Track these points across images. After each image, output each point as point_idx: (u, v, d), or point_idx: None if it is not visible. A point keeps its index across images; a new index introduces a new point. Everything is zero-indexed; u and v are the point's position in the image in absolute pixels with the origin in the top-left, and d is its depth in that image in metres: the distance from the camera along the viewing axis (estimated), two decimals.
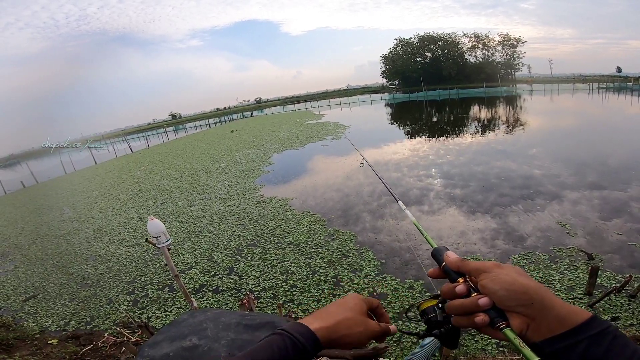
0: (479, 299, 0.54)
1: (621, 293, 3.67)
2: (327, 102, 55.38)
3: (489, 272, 0.56)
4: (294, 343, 0.55)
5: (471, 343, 3.29)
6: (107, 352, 3.78)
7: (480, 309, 0.54)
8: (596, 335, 0.46)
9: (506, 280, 0.53)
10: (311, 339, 0.57)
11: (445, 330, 0.63)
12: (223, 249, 6.22)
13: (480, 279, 0.56)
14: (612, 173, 7.64)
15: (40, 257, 7.75)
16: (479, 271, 0.57)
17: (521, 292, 0.51)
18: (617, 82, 37.17)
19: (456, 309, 0.57)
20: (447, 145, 13.13)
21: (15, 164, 48.34)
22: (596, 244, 4.78)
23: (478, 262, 0.59)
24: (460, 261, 0.61)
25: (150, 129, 69.34)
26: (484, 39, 60.10)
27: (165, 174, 14.88)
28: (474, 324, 0.55)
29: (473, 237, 5.45)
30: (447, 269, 0.63)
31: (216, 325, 1.77)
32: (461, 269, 0.61)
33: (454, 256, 0.63)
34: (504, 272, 0.54)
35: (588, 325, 0.48)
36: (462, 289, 0.57)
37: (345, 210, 7.29)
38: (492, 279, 0.54)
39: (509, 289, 0.52)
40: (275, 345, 0.55)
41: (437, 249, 0.68)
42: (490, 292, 0.54)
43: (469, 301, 0.56)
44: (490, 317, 0.53)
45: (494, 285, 0.54)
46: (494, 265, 0.56)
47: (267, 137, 21.79)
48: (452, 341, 0.65)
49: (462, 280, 0.59)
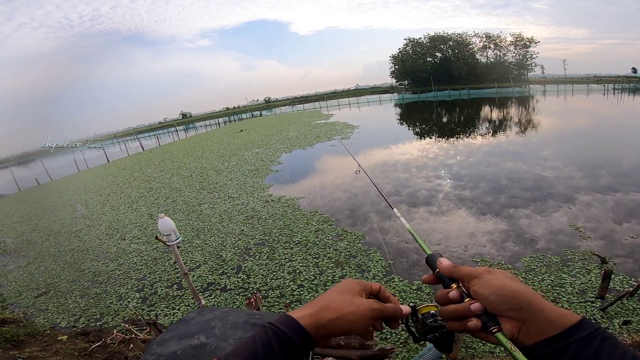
0: (471, 304, 0.56)
1: (634, 297, 3.59)
2: (336, 102, 55.28)
3: (480, 277, 0.57)
4: (277, 334, 0.53)
5: (479, 345, 3.26)
6: (116, 349, 3.83)
7: (472, 314, 0.55)
8: (586, 337, 0.47)
9: (496, 286, 0.55)
10: (295, 328, 0.55)
11: (439, 334, 0.64)
12: (231, 248, 6.26)
13: (472, 284, 0.58)
14: (626, 175, 7.48)
15: (53, 253, 7.89)
16: (471, 277, 0.58)
17: (510, 296, 0.53)
18: (632, 82, 36.40)
19: (450, 314, 0.59)
20: (457, 146, 13.00)
21: (29, 161, 49.24)
22: (609, 247, 4.69)
23: (470, 268, 0.60)
24: (452, 267, 0.63)
25: (161, 128, 70.16)
26: (495, 39, 59.44)
27: (175, 173, 15.02)
28: (467, 328, 0.56)
29: (482, 239, 5.38)
30: (440, 275, 0.64)
31: (224, 324, 1.78)
32: (454, 275, 0.62)
33: (446, 262, 0.65)
34: (494, 278, 0.56)
35: (578, 327, 0.48)
36: (455, 294, 0.59)
37: (353, 211, 7.28)
38: (482, 284, 0.56)
39: (499, 294, 0.54)
40: (258, 338, 0.54)
41: (431, 255, 0.69)
42: (482, 297, 0.55)
43: (461, 306, 0.57)
44: (482, 322, 0.54)
45: (484, 291, 0.55)
46: (484, 270, 0.58)
47: (275, 137, 21.85)
48: (446, 345, 0.65)
49: (455, 286, 0.61)
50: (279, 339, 0.53)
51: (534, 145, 12.05)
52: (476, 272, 0.58)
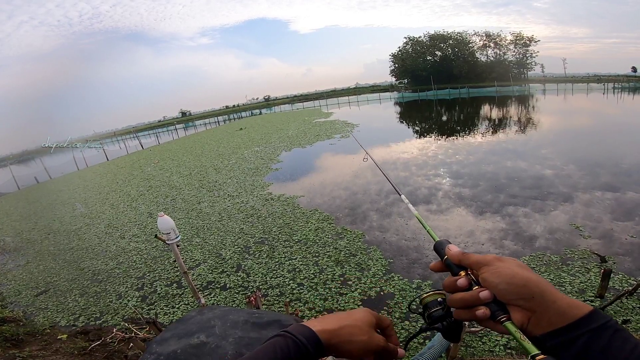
0: (480, 292, 0.55)
1: (633, 296, 3.60)
2: (336, 100, 55.14)
3: (490, 265, 0.56)
4: (297, 345, 0.55)
5: (478, 344, 3.26)
6: (115, 348, 3.83)
7: (481, 302, 0.54)
8: (597, 329, 0.46)
9: (507, 274, 0.53)
10: (313, 340, 0.57)
11: (447, 323, 0.63)
12: (231, 246, 6.26)
13: (481, 272, 0.57)
14: (626, 174, 7.48)
15: (52, 252, 7.89)
16: (480, 264, 0.57)
17: (521, 285, 0.52)
18: (632, 82, 36.37)
19: (457, 302, 0.58)
20: (457, 145, 13.00)
21: (29, 159, 49.16)
22: (609, 246, 4.69)
23: (479, 255, 0.59)
24: (461, 254, 0.61)
25: (161, 126, 69.99)
26: (495, 38, 59.20)
27: (175, 171, 15.01)
28: (475, 317, 0.55)
29: (482, 237, 5.39)
30: (448, 262, 0.63)
31: (224, 323, 1.78)
32: (462, 262, 0.61)
33: (455, 249, 0.63)
34: (504, 265, 0.55)
35: (589, 319, 0.48)
36: (464, 282, 0.58)
37: (353, 209, 7.28)
38: (492, 272, 0.55)
39: (510, 282, 0.52)
40: (278, 346, 0.55)
41: (439, 242, 0.68)
42: (491, 285, 0.54)
43: (470, 294, 0.56)
44: (491, 310, 0.54)
45: (494, 279, 0.54)
46: (494, 258, 0.57)
47: (275, 135, 21.84)
48: (454, 334, 0.65)
49: (463, 273, 0.59)
50: (299, 350, 0.55)
51: (534, 144, 12.05)
52: (486, 259, 0.57)
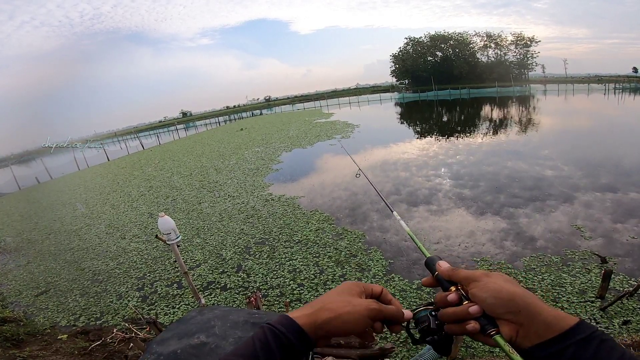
0: (469, 307, 0.57)
1: (633, 297, 3.59)
2: (337, 101, 55.17)
3: (479, 280, 0.58)
4: (275, 334, 0.54)
5: (478, 345, 3.26)
6: (116, 348, 3.83)
7: (471, 317, 0.56)
8: (584, 339, 0.48)
9: (494, 288, 0.55)
10: (293, 328, 0.56)
11: (438, 337, 0.64)
12: (231, 247, 6.26)
13: (470, 287, 0.59)
14: (626, 175, 7.48)
15: (53, 252, 7.89)
16: (469, 280, 0.59)
17: (508, 299, 0.54)
18: (633, 82, 36.34)
19: (449, 317, 0.59)
20: (457, 145, 13.00)
21: (30, 159, 49.18)
22: (609, 247, 4.69)
23: (468, 271, 0.61)
24: (451, 270, 0.64)
25: (162, 127, 69.99)
26: (496, 39, 59.23)
27: (175, 171, 15.02)
28: (465, 331, 0.57)
29: (482, 238, 5.38)
30: (439, 277, 0.65)
31: (224, 323, 1.78)
32: (452, 278, 0.63)
33: (445, 265, 0.65)
34: (492, 281, 0.57)
35: (575, 330, 0.49)
36: (454, 297, 0.60)
37: (353, 210, 7.28)
38: (481, 287, 0.57)
39: (497, 297, 0.54)
40: (256, 338, 0.55)
41: (430, 258, 0.70)
42: (480, 300, 0.56)
43: (460, 309, 0.58)
44: (481, 325, 0.55)
45: (482, 294, 0.56)
46: (482, 274, 0.59)
47: (276, 136, 21.85)
48: (445, 348, 0.66)
49: (454, 288, 0.61)
50: (277, 339, 0.54)
51: (534, 145, 12.05)
52: (474, 275, 0.59)
